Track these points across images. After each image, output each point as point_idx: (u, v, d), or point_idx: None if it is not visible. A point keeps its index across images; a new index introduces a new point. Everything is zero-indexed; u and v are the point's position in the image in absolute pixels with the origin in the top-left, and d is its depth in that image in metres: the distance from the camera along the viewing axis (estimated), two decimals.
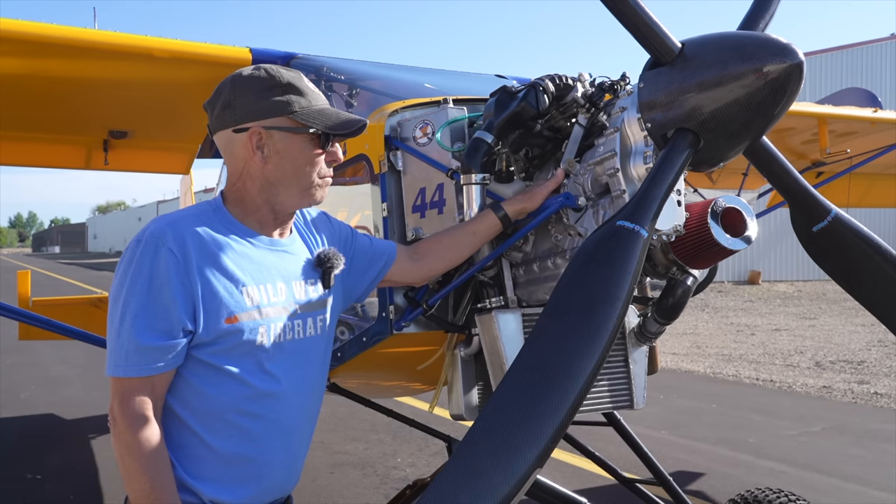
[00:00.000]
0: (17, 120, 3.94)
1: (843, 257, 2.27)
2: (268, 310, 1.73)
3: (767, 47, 1.65)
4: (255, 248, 1.76)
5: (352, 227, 2.13)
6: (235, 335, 1.67)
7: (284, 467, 1.81)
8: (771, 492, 3.32)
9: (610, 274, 1.59)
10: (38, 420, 7.20)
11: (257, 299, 1.71)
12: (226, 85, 1.78)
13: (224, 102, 1.76)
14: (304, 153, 1.78)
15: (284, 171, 1.77)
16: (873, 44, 25.63)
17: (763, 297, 19.84)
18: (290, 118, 1.75)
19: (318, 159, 1.80)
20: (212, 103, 1.80)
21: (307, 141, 1.77)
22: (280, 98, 1.74)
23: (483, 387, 2.53)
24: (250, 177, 1.77)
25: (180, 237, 1.64)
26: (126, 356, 1.62)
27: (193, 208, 1.77)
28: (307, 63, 3.48)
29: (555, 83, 2.23)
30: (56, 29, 3.02)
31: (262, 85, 1.74)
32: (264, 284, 1.74)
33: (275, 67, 1.78)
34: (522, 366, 1.53)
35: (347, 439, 6.23)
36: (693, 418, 7.14)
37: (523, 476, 1.39)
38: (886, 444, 6.23)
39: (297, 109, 1.75)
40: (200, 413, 1.69)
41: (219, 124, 1.78)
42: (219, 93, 1.79)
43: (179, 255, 1.62)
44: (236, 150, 1.77)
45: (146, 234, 1.65)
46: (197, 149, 4.92)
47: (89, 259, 57.99)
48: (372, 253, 2.12)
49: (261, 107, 1.73)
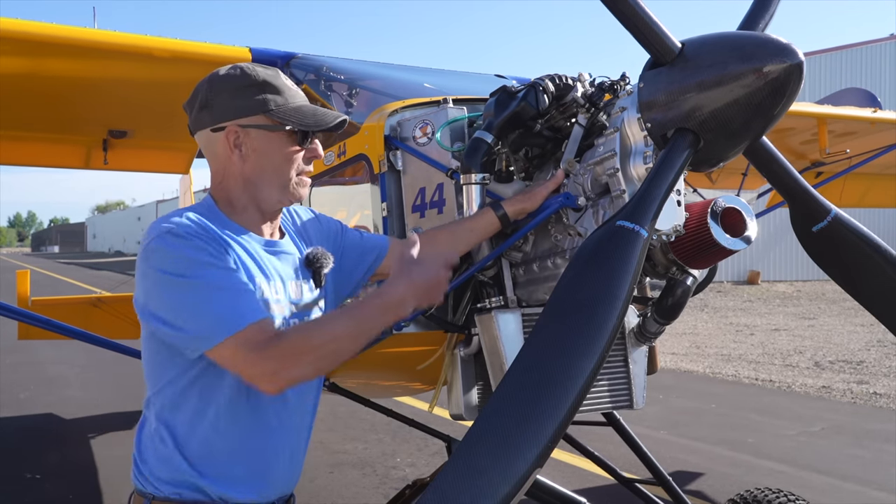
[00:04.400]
0: (17, 119, 3.94)
1: (843, 257, 2.27)
2: (273, 307, 1.74)
3: (767, 47, 1.65)
4: (253, 248, 1.76)
5: (341, 222, 2.13)
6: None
7: (288, 464, 1.82)
8: (770, 492, 3.33)
9: (610, 274, 1.59)
10: (38, 419, 7.20)
11: (266, 294, 1.72)
12: (203, 85, 1.79)
13: (202, 102, 1.77)
14: (281, 151, 1.78)
15: (263, 168, 1.77)
16: (873, 44, 25.64)
17: (762, 297, 19.85)
18: (267, 116, 1.75)
19: (297, 156, 1.81)
20: (190, 104, 1.81)
21: (284, 138, 1.78)
22: (256, 96, 1.75)
23: (483, 387, 2.53)
24: (232, 176, 1.79)
25: (200, 229, 1.65)
26: (233, 305, 1.56)
27: (194, 208, 1.76)
28: (307, 63, 3.48)
29: (555, 83, 2.23)
30: (56, 28, 3.02)
31: (237, 84, 1.75)
32: (268, 282, 1.75)
33: (251, 66, 1.79)
34: (522, 366, 1.53)
35: (347, 439, 6.23)
36: (692, 418, 7.14)
37: (523, 476, 1.39)
38: (885, 444, 6.23)
39: (273, 107, 1.75)
40: (203, 411, 1.69)
41: (197, 124, 1.79)
42: (196, 93, 1.79)
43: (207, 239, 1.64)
44: (216, 149, 1.78)
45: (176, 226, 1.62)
46: (196, 148, 4.88)
47: (88, 259, 57.93)
48: (362, 247, 2.12)
49: (237, 105, 1.74)
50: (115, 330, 6.01)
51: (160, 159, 5.15)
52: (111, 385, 8.57)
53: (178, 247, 1.60)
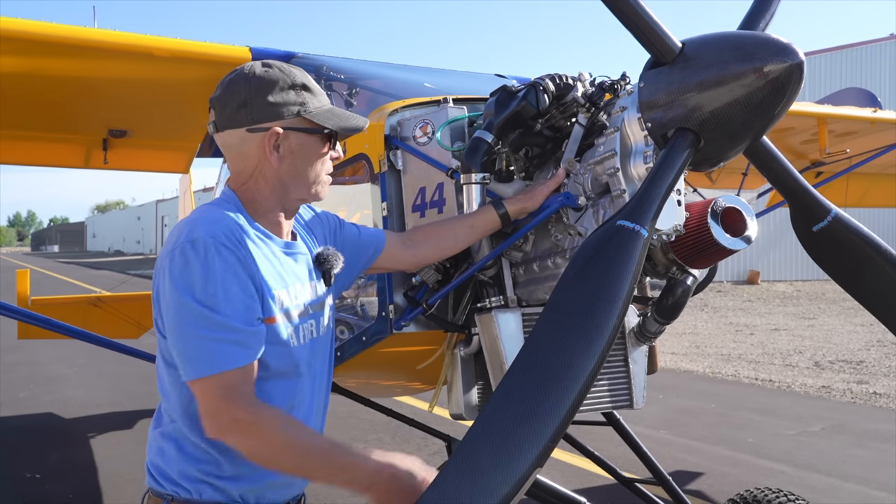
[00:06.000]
0: (17, 119, 3.93)
1: (843, 257, 2.27)
2: (293, 312, 1.75)
3: (768, 47, 1.65)
4: (276, 251, 1.77)
5: (338, 217, 2.13)
6: (271, 336, 1.68)
7: None
8: (770, 491, 3.32)
9: (610, 273, 1.58)
10: (37, 419, 7.20)
11: (286, 303, 1.73)
12: (239, 82, 1.73)
13: (240, 101, 1.72)
14: (316, 152, 1.79)
15: (297, 170, 1.77)
16: (873, 44, 25.65)
17: (762, 296, 19.85)
18: (306, 118, 1.75)
19: (326, 158, 1.82)
20: (222, 101, 1.75)
21: (318, 140, 1.79)
22: (297, 98, 1.74)
23: (483, 386, 2.53)
24: (264, 176, 1.76)
25: (232, 236, 1.64)
26: (222, 348, 1.57)
27: (220, 209, 1.73)
28: (307, 62, 3.48)
29: (555, 83, 2.23)
30: (56, 28, 3.01)
31: (278, 84, 1.73)
32: (287, 288, 1.75)
33: (286, 66, 1.78)
34: (522, 365, 1.53)
35: (347, 438, 6.22)
36: (692, 418, 7.14)
37: (523, 476, 1.39)
38: (885, 444, 6.24)
39: (312, 110, 1.76)
40: None
41: (231, 123, 1.74)
42: (231, 90, 1.74)
43: (236, 251, 1.62)
44: (248, 149, 1.74)
45: (197, 233, 1.61)
46: (196, 148, 4.92)
47: (88, 258, 57.92)
48: (360, 243, 2.12)
49: (279, 107, 1.73)
50: (115, 329, 6.02)
51: (160, 159, 5.14)
52: (111, 384, 8.57)
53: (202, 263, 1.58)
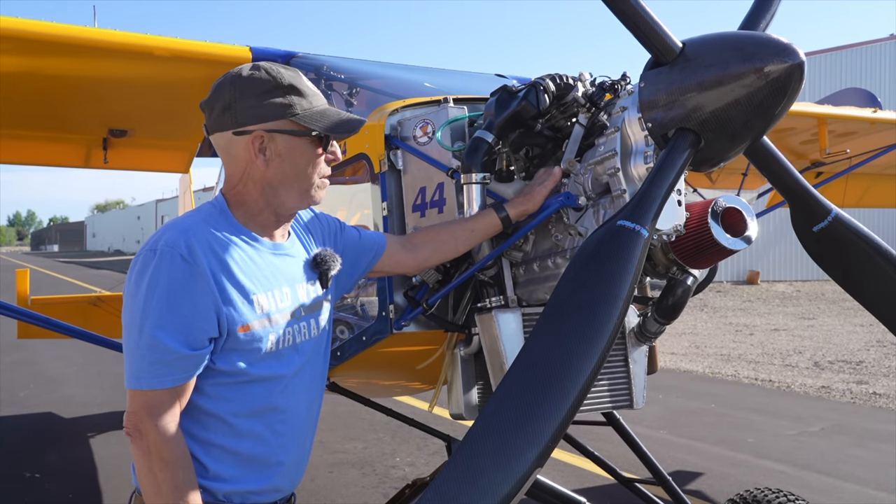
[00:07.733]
0: (17, 118, 3.93)
1: (844, 257, 2.27)
2: (276, 317, 1.74)
3: (768, 47, 1.65)
4: (261, 254, 1.76)
5: (339, 220, 2.13)
6: (248, 343, 1.68)
7: (294, 465, 1.85)
8: (770, 492, 3.32)
9: (610, 274, 1.59)
10: (37, 418, 7.19)
11: (267, 307, 1.72)
12: (225, 85, 1.74)
13: (224, 104, 1.72)
14: (305, 155, 1.77)
15: (286, 173, 1.76)
16: (873, 44, 25.63)
17: (762, 297, 19.85)
18: (292, 121, 1.73)
19: (319, 160, 1.80)
20: (210, 104, 1.76)
21: (308, 143, 1.76)
22: (282, 100, 1.72)
23: (483, 386, 2.53)
24: (252, 179, 1.76)
25: (194, 246, 1.62)
26: (150, 368, 1.58)
27: (201, 213, 1.74)
28: (307, 62, 3.48)
29: (555, 83, 2.22)
30: (56, 27, 3.01)
31: (263, 87, 1.72)
32: (272, 291, 1.74)
33: (274, 67, 1.76)
34: (522, 365, 1.53)
35: (346, 438, 6.23)
36: (692, 418, 7.14)
37: (523, 476, 1.39)
38: (885, 444, 6.23)
39: (299, 112, 1.73)
40: (214, 417, 1.70)
41: (218, 126, 1.75)
42: (218, 93, 1.75)
43: (195, 264, 1.61)
44: (237, 152, 1.75)
45: (160, 243, 1.62)
46: (196, 147, 4.92)
47: (88, 258, 57.87)
48: (360, 246, 2.12)
49: (263, 110, 1.71)
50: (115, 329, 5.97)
51: (160, 158, 5.14)
52: (111, 384, 8.56)
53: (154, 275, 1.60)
